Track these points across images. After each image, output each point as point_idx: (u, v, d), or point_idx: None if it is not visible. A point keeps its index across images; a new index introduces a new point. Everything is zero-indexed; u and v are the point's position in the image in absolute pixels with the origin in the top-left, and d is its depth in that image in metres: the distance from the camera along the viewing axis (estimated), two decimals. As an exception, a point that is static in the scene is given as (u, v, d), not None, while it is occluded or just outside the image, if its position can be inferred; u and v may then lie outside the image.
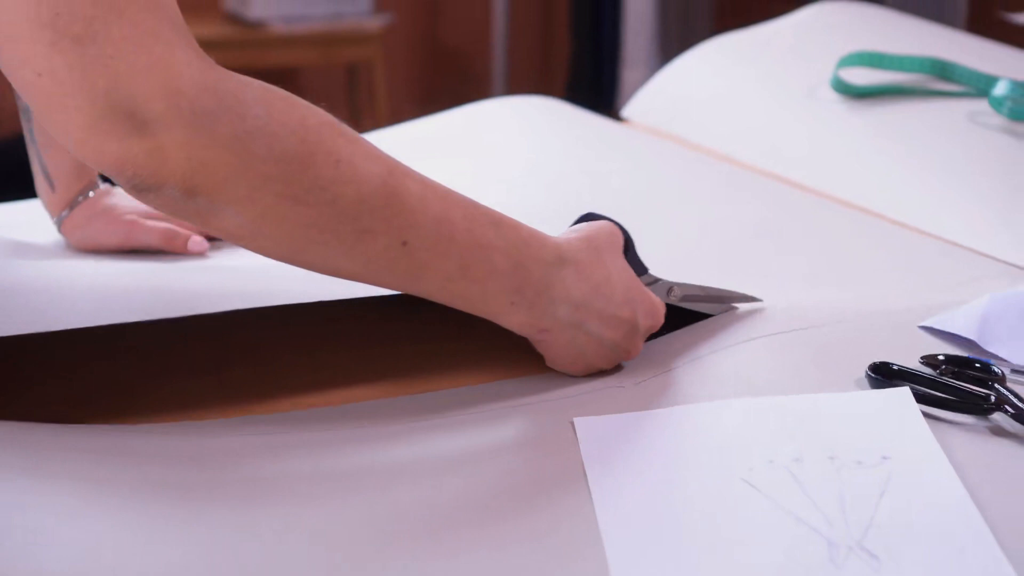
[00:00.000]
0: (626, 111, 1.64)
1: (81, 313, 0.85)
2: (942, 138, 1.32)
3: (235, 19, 3.37)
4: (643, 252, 0.90)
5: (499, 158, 1.42)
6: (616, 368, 0.87)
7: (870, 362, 0.84)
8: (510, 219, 0.82)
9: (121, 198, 1.10)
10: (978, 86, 1.40)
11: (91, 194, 1.10)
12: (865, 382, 0.84)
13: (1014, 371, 0.87)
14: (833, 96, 1.44)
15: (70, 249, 1.10)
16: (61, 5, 0.66)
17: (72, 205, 1.10)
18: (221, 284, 0.97)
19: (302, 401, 0.85)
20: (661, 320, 0.87)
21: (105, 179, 1.13)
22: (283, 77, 2.15)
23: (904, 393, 0.80)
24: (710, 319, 0.95)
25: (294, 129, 0.72)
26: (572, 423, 0.78)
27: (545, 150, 1.45)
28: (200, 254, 1.08)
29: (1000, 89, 1.33)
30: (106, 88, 0.67)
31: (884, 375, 0.83)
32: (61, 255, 1.09)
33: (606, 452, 0.75)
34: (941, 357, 0.86)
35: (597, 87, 3.66)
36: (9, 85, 0.71)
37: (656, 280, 0.91)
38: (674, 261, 1.00)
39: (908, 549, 0.66)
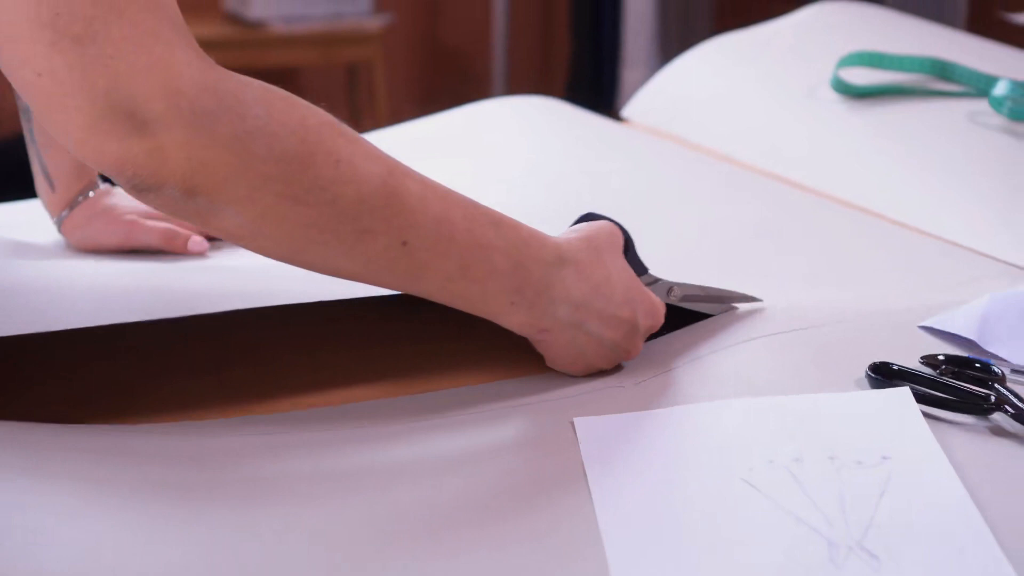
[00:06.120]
0: (626, 111, 1.64)
1: (81, 313, 0.85)
2: (942, 138, 1.32)
3: (235, 19, 3.37)
4: (643, 252, 0.90)
5: (499, 158, 1.42)
6: (616, 368, 0.87)
7: (870, 362, 0.84)
8: (510, 219, 0.82)
9: (121, 198, 1.10)
10: (978, 86, 1.40)
11: (91, 194, 1.10)
12: (865, 382, 0.84)
13: (1014, 371, 0.87)
14: (833, 96, 1.44)
15: (70, 249, 1.10)
16: (61, 5, 0.66)
17: (72, 205, 1.10)
18: (221, 284, 0.97)
19: (302, 401, 0.85)
20: (661, 320, 0.87)
21: (105, 179, 1.13)
22: (283, 77, 2.15)
23: (904, 393, 0.80)
24: (710, 319, 0.95)
25: (294, 129, 0.72)
26: (572, 423, 0.78)
27: (545, 150, 1.45)
28: (200, 254, 1.08)
29: (1000, 89, 1.33)
30: (106, 88, 0.67)
31: (884, 375, 0.83)
32: (61, 255, 1.09)
33: (606, 452, 0.75)
34: (941, 357, 0.86)
35: (597, 87, 3.66)
36: (9, 85, 0.71)
37: (656, 280, 0.91)
38: (674, 261, 1.00)
39: (908, 549, 0.66)
